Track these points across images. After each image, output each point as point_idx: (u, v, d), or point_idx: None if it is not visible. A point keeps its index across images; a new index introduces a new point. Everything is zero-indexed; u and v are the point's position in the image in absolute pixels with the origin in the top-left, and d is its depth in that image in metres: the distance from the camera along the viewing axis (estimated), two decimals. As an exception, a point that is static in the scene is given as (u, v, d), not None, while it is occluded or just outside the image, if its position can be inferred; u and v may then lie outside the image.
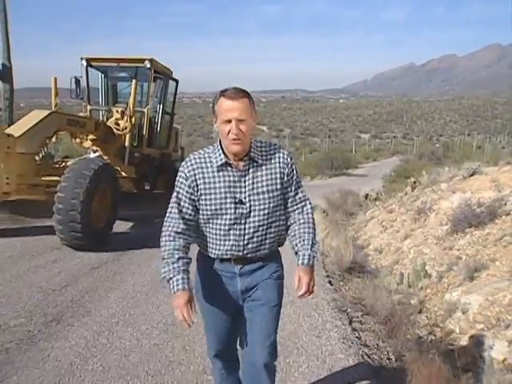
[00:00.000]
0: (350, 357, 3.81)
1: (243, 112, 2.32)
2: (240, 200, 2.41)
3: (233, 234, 2.42)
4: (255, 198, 2.42)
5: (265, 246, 2.50)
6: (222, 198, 2.39)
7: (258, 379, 2.49)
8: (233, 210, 2.40)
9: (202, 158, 2.44)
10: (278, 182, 2.47)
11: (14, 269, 5.82)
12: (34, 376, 3.25)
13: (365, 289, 5.95)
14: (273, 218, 2.48)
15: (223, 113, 2.32)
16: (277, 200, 2.48)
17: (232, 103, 2.30)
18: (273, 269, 2.56)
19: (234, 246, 2.43)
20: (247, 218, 2.42)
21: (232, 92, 2.34)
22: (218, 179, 2.40)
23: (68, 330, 4.08)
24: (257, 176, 2.44)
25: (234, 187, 2.40)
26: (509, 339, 4.44)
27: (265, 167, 2.46)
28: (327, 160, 35.69)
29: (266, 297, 2.51)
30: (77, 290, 5.15)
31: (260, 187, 2.43)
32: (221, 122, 2.33)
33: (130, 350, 3.72)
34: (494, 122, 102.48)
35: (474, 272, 5.93)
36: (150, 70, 10.10)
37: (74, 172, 6.93)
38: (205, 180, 2.40)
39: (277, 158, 2.49)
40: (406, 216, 10.34)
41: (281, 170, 2.48)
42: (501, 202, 7.60)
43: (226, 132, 2.32)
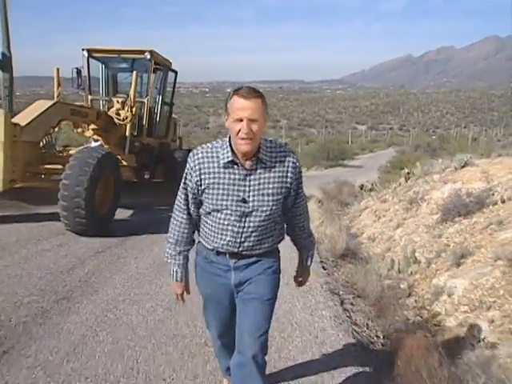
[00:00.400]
0: (341, 332, 4.11)
1: (255, 112, 2.29)
2: (243, 199, 2.40)
3: (231, 231, 2.44)
4: (259, 199, 2.41)
5: (261, 245, 2.52)
6: (224, 195, 2.40)
7: (246, 370, 2.51)
8: (234, 207, 2.40)
9: (210, 153, 2.43)
10: (284, 186, 2.46)
11: (23, 252, 6.08)
12: (51, 346, 3.55)
13: (356, 273, 6.25)
14: (272, 220, 2.50)
15: (235, 111, 2.30)
16: (279, 203, 2.48)
17: (245, 102, 2.28)
18: (267, 264, 2.58)
19: (231, 242, 2.46)
20: (248, 217, 2.43)
21: (245, 91, 2.31)
22: (223, 176, 2.39)
23: (78, 307, 4.37)
24: (263, 177, 2.41)
25: (239, 185, 2.39)
26: (490, 319, 4.72)
27: (273, 170, 2.43)
28: (323, 151, 36.04)
29: (258, 291, 2.53)
30: (83, 272, 5.45)
31: (266, 189, 2.42)
32: (232, 120, 2.31)
33: (137, 325, 4.02)
34: (491, 115, 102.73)
35: (460, 258, 6.20)
36: (150, 61, 10.37)
37: (79, 160, 7.17)
38: (210, 175, 2.40)
39: (286, 163, 2.46)
40: (398, 206, 10.62)
41: (289, 174, 2.46)
42: (489, 192, 7.87)
43: (236, 131, 2.30)
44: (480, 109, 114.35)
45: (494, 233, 6.53)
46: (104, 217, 7.67)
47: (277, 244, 2.64)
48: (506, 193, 7.54)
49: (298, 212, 2.64)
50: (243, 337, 2.54)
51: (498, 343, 4.27)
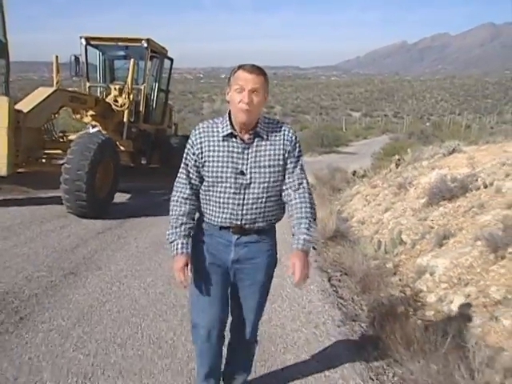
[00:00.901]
0: (327, 304, 4.48)
1: (257, 85, 2.37)
2: (241, 171, 2.45)
3: (232, 203, 2.48)
4: (256, 171, 2.46)
5: (262, 218, 2.54)
6: (223, 167, 2.45)
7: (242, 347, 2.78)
8: (233, 179, 2.45)
9: (210, 127, 2.50)
10: (281, 157, 2.50)
11: (27, 233, 6.40)
12: (62, 314, 3.92)
13: (344, 253, 6.61)
14: (272, 192, 2.52)
15: (238, 82, 2.37)
16: (277, 175, 2.51)
17: (248, 75, 2.36)
18: (266, 247, 2.62)
19: (233, 215, 2.49)
20: (247, 189, 2.47)
21: (250, 66, 2.40)
22: (222, 148, 2.46)
23: (84, 281, 4.72)
24: (260, 150, 2.48)
25: (237, 158, 2.45)
26: (466, 295, 5.08)
27: (269, 142, 2.49)
28: (317, 137, 35.86)
29: (256, 278, 2.60)
30: (87, 250, 5.79)
31: (262, 161, 2.47)
32: (234, 91, 2.39)
33: (139, 297, 4.38)
34: (485, 102, 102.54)
35: (443, 239, 6.54)
36: (146, 49, 10.61)
37: (80, 145, 7.47)
38: (209, 148, 2.47)
39: (281, 135, 2.52)
40: (388, 191, 10.95)
41: (284, 146, 2.51)
42: (473, 177, 8.20)
43: (237, 100, 2.37)
44: (474, 96, 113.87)
45: (475, 216, 6.86)
46: (104, 200, 7.99)
47: (277, 220, 2.65)
48: (489, 178, 7.87)
49: (296, 187, 2.55)
50: (239, 322, 2.70)
51: (472, 315, 4.64)
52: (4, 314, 3.80)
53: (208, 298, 2.58)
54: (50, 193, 8.96)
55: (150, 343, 3.47)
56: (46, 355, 3.22)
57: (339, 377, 3.17)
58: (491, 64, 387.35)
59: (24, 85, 39.81)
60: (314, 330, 3.88)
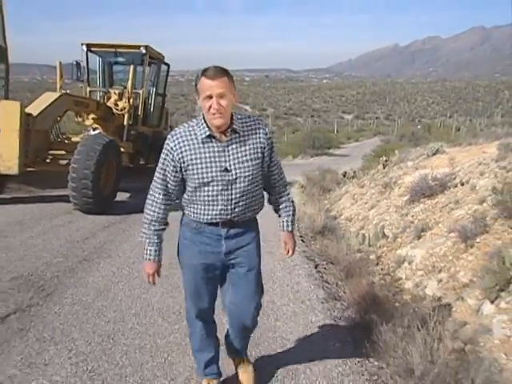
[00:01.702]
0: (313, 286, 5.07)
1: (223, 88, 2.46)
2: (226, 168, 2.57)
3: (221, 200, 2.60)
4: (240, 166, 2.60)
5: (249, 209, 2.71)
6: (208, 167, 2.56)
7: (243, 334, 2.97)
8: (219, 177, 2.57)
9: (187, 131, 2.60)
10: (259, 151, 2.67)
11: (39, 227, 6.96)
12: (82, 291, 4.53)
13: (331, 246, 7.20)
14: (255, 184, 2.69)
15: (205, 90, 2.46)
16: (258, 168, 2.68)
17: (212, 82, 2.44)
18: (253, 234, 2.80)
19: (223, 211, 2.63)
20: (233, 185, 2.60)
21: (212, 71, 2.47)
22: (204, 150, 2.56)
23: (97, 266, 5.32)
24: (240, 146, 2.61)
25: (219, 157, 2.57)
26: (439, 280, 5.68)
27: (247, 138, 2.63)
28: (309, 140, 35.93)
29: (250, 262, 2.77)
30: (96, 241, 6.37)
31: (243, 156, 2.61)
32: (203, 99, 2.49)
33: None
34: (476, 105, 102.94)
35: (421, 232, 7.12)
36: (145, 55, 11.16)
37: (86, 147, 8.02)
38: (191, 152, 2.56)
39: (257, 130, 2.68)
40: (374, 190, 11.54)
41: (261, 140, 2.67)
42: (451, 176, 8.79)
43: (207, 107, 2.47)
44: (465, 99, 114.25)
45: (451, 211, 7.45)
46: (107, 197, 8.55)
47: (259, 210, 2.85)
48: (465, 177, 8.47)
49: (275, 177, 2.85)
50: (241, 307, 2.83)
51: (442, 297, 5.23)
52: (33, 291, 4.40)
53: (199, 292, 2.81)
54: (54, 192, 9.52)
55: (160, 313, 4.06)
56: (74, 322, 3.83)
57: (321, 338, 3.77)
58: (481, 67, 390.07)
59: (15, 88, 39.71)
60: (301, 305, 4.48)
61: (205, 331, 2.94)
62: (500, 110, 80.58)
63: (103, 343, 3.50)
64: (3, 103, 7.84)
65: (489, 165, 8.80)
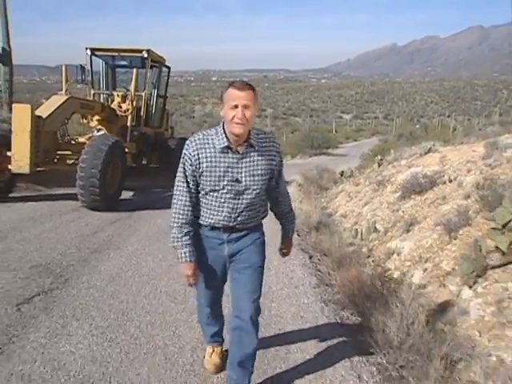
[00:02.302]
0: (306, 273, 5.53)
1: (248, 100, 2.59)
2: (237, 179, 2.71)
3: (227, 207, 2.76)
4: (251, 179, 2.73)
5: (252, 219, 2.87)
6: (220, 176, 2.69)
7: (244, 330, 2.88)
8: (229, 187, 2.71)
9: (205, 140, 2.72)
10: (270, 168, 2.81)
11: (50, 222, 7.40)
12: (96, 277, 5.00)
13: (325, 239, 7.64)
14: (260, 197, 2.84)
15: (231, 100, 2.60)
16: (266, 182, 2.82)
17: (239, 92, 2.58)
18: (256, 236, 2.94)
19: (227, 217, 2.79)
20: (241, 195, 2.75)
21: (240, 83, 2.63)
22: (219, 159, 2.69)
23: (108, 257, 5.78)
24: (254, 160, 2.74)
25: (233, 168, 2.70)
26: (424, 269, 6.11)
27: (261, 153, 2.76)
28: (307, 140, 35.99)
29: (251, 260, 2.89)
30: (105, 235, 6.82)
31: (256, 170, 2.74)
32: (228, 108, 2.61)
33: (154, 267, 5.45)
34: (474, 104, 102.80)
35: (410, 226, 7.57)
36: (147, 59, 11.62)
37: (93, 147, 8.46)
38: (207, 159, 2.68)
39: (271, 147, 2.82)
40: (368, 188, 11.97)
41: (274, 157, 2.82)
42: (440, 174, 9.23)
43: (231, 116, 2.59)
44: (464, 98, 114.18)
45: (438, 206, 7.89)
46: (113, 195, 8.98)
47: (262, 219, 3.00)
48: (454, 174, 8.91)
49: (281, 190, 3.03)
50: (240, 301, 2.89)
51: (426, 284, 5.67)
52: (52, 277, 4.87)
53: (208, 287, 3.02)
54: (61, 190, 9.97)
55: (167, 296, 4.53)
56: (91, 302, 4.30)
57: (312, 317, 4.23)
58: (480, 66, 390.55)
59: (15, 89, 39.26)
60: (294, 289, 4.94)
61: (211, 314, 3.20)
62: (498, 109, 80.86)
63: (118, 319, 3.98)
64: (15, 106, 8.28)
65: (476, 162, 9.24)
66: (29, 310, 4.04)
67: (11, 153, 8.27)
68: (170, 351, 3.45)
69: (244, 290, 2.89)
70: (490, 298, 4.79)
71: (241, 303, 2.89)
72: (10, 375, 3.03)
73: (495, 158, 8.83)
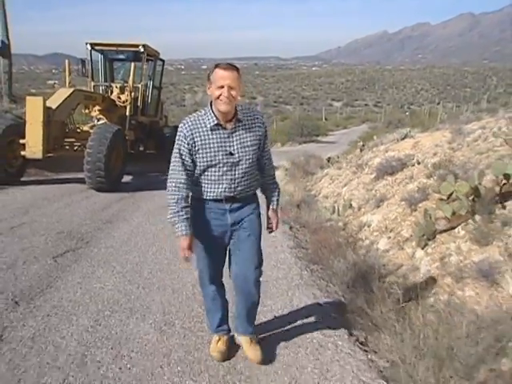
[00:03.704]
0: (285, 238, 6.64)
1: (233, 81, 2.79)
2: (230, 152, 2.93)
3: (225, 179, 2.97)
4: (243, 151, 2.97)
5: (249, 187, 3.09)
6: (215, 152, 2.91)
7: (248, 290, 3.19)
8: (225, 160, 2.92)
9: (197, 120, 2.93)
10: (258, 138, 3.05)
11: (63, 201, 8.41)
12: (111, 241, 6.09)
13: (304, 214, 8.70)
14: (254, 166, 3.09)
15: (218, 80, 2.80)
16: (257, 152, 3.07)
17: (225, 72, 2.79)
18: (253, 206, 3.17)
19: (227, 189, 3.00)
20: (237, 166, 2.97)
21: (225, 65, 2.83)
22: (212, 137, 2.90)
23: (118, 226, 6.86)
24: (243, 133, 2.97)
25: (225, 143, 2.92)
26: (388, 237, 7.16)
27: (249, 126, 3.00)
28: (297, 127, 36.31)
29: (252, 228, 3.14)
30: (112, 211, 7.88)
31: (246, 142, 2.98)
32: (215, 88, 2.81)
33: (157, 234, 6.55)
34: (464, 91, 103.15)
35: (380, 202, 8.61)
36: (143, 53, 12.55)
37: (98, 135, 9.44)
38: (200, 138, 2.89)
39: (257, 119, 3.04)
40: (349, 171, 12.99)
41: (260, 128, 3.05)
42: (411, 157, 10.28)
43: (217, 95, 2.81)
44: (453, 85, 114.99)
45: (406, 185, 8.91)
46: (116, 177, 10.00)
47: (257, 188, 3.23)
48: (422, 157, 9.96)
49: (266, 161, 3.23)
50: (245, 266, 3.13)
51: (389, 249, 6.72)
52: (75, 240, 5.97)
53: (209, 258, 3.16)
54: (66, 175, 10.96)
55: (171, 253, 5.64)
56: (110, 257, 5.40)
57: (287, 268, 5.32)
58: (470, 53, 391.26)
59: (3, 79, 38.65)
60: (275, 249, 6.03)
61: (216, 293, 3.30)
62: (487, 97, 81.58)
63: (134, 268, 5.08)
64: (29, 99, 9.25)
65: (443, 146, 10.29)
66: (63, 261, 5.14)
67: (24, 140, 9.26)
68: (176, 287, 4.54)
69: (249, 256, 3.13)
70: (436, 255, 5.87)
71: (247, 267, 3.14)
72: (60, 299, 4.17)
73: (458, 143, 9.91)
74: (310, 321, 3.98)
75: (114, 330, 3.63)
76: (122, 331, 3.62)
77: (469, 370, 2.67)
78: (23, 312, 3.85)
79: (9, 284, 4.41)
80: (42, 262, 5.06)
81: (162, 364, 3.18)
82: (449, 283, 5.30)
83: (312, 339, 3.62)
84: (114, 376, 3.03)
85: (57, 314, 3.86)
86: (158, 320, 3.84)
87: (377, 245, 7.19)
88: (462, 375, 2.65)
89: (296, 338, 3.62)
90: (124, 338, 3.51)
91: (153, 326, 3.74)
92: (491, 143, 8.72)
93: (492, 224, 5.64)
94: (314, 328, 3.81)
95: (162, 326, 3.72)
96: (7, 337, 3.44)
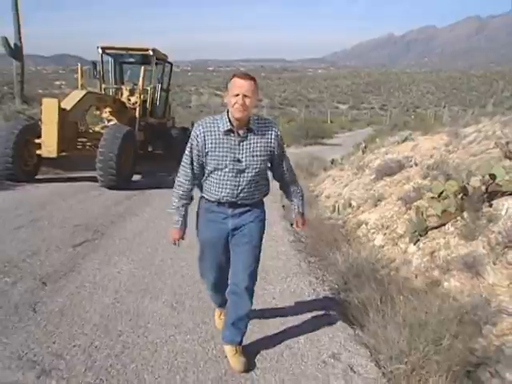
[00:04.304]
0: (286, 233, 7.10)
1: (248, 90, 2.90)
2: (238, 159, 3.01)
3: (229, 185, 3.06)
4: (250, 159, 3.04)
5: (253, 196, 3.17)
6: (224, 156, 3.00)
7: (239, 296, 3.24)
8: (231, 166, 3.01)
9: (211, 123, 3.03)
10: (269, 149, 3.11)
11: (75, 198, 8.86)
12: (124, 233, 6.58)
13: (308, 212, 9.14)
14: (261, 175, 3.15)
15: (234, 88, 2.91)
16: (265, 163, 3.15)
17: (242, 81, 2.90)
18: (257, 213, 3.25)
19: (230, 194, 3.09)
20: (242, 173, 3.05)
21: (243, 74, 2.95)
22: (223, 141, 3.00)
23: (130, 220, 7.34)
24: (253, 142, 3.04)
25: (235, 149, 3.01)
26: (384, 233, 7.60)
27: (260, 137, 3.06)
28: (303, 130, 35.84)
29: (250, 235, 3.21)
30: (124, 206, 8.36)
31: (254, 151, 3.05)
32: (231, 96, 2.92)
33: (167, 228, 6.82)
34: (470, 95, 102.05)
35: (377, 201, 9.06)
36: (152, 57, 13.04)
37: (110, 135, 9.92)
38: (212, 140, 2.99)
39: (270, 131, 3.11)
40: (350, 172, 13.44)
41: (272, 140, 3.11)
42: (409, 159, 10.71)
43: (233, 102, 2.90)
44: (460, 89, 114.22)
45: (403, 185, 9.36)
46: (127, 176, 10.47)
47: (263, 196, 3.32)
48: (420, 159, 10.39)
49: (285, 170, 3.33)
50: (238, 272, 3.23)
51: (384, 245, 7.16)
52: (91, 232, 6.46)
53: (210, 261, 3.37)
54: (78, 173, 11.43)
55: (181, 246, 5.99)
56: (124, 247, 5.90)
57: (286, 257, 5.80)
58: (476, 57, 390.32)
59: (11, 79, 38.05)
60: (275, 242, 6.49)
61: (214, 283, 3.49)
62: (494, 100, 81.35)
63: (146, 257, 5.58)
64: (45, 101, 9.74)
65: (440, 149, 10.72)
66: (82, 250, 5.65)
67: (40, 140, 9.77)
68: (185, 273, 5.04)
69: (242, 263, 3.22)
70: (427, 250, 6.31)
71: (238, 274, 3.23)
72: (82, 281, 4.69)
73: (454, 145, 10.34)
74: (305, 301, 4.46)
75: (131, 307, 4.14)
76: (137, 307, 4.13)
77: (436, 337, 3.12)
78: (51, 290, 4.37)
79: (35, 268, 4.93)
80: (62, 250, 5.57)
81: (174, 333, 3.69)
82: (436, 275, 5.76)
83: (307, 315, 4.12)
84: (133, 342, 3.54)
85: (80, 293, 4.37)
86: (170, 299, 4.33)
87: (373, 241, 7.63)
88: (431, 342, 3.09)
89: (292, 317, 4.10)
90: (140, 313, 4.02)
91: (165, 303, 4.24)
92: (485, 146, 9.15)
93: (479, 221, 6.07)
94: (308, 307, 4.30)
95: (174, 304, 4.23)
96: (39, 309, 3.97)
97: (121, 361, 3.28)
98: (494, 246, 5.45)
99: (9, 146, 9.55)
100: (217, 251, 3.31)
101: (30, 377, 3.01)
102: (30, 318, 3.81)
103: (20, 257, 5.24)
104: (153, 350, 3.44)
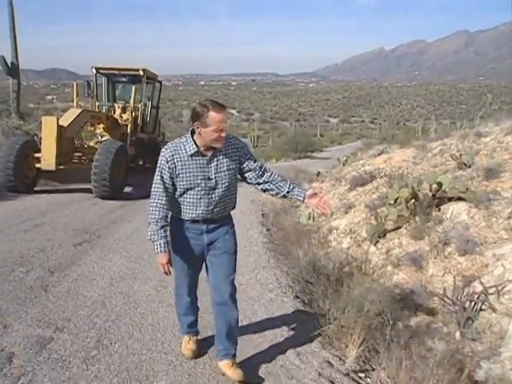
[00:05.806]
0: (261, 236, 8.00)
1: (226, 120, 3.01)
2: (208, 177, 3.10)
3: (203, 202, 3.15)
4: (219, 175, 3.13)
5: (225, 209, 3.29)
6: (194, 176, 3.09)
7: (226, 306, 3.32)
8: (203, 184, 3.10)
9: (178, 147, 3.10)
10: (235, 162, 3.20)
11: (73, 207, 9.69)
12: (117, 236, 7.46)
13: (282, 219, 10.02)
14: (231, 189, 3.25)
15: (216, 123, 2.95)
16: (234, 176, 3.24)
17: (220, 116, 2.95)
18: (229, 227, 3.39)
19: (204, 211, 3.17)
20: (214, 190, 3.14)
21: (218, 106, 2.97)
22: (191, 162, 3.08)
23: (122, 226, 8.21)
24: (220, 159, 3.13)
25: (204, 168, 3.09)
26: (350, 237, 8.48)
27: (225, 153, 3.14)
28: (292, 143, 36.93)
29: (226, 246, 3.32)
30: (118, 214, 9.23)
31: (222, 167, 3.14)
32: (212, 130, 2.96)
33: None
34: (459, 108, 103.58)
35: (348, 209, 9.95)
36: (143, 76, 13.99)
37: (104, 150, 10.79)
38: (181, 163, 3.07)
39: (233, 145, 3.19)
40: (329, 183, 14.35)
41: (237, 153, 3.21)
42: (380, 171, 11.62)
43: (215, 136, 2.98)
44: (449, 102, 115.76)
45: (372, 194, 10.25)
46: (119, 187, 11.32)
47: (232, 209, 3.41)
48: (389, 170, 11.32)
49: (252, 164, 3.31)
50: (220, 282, 3.29)
51: (350, 247, 8.05)
52: (88, 235, 7.34)
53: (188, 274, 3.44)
54: (73, 185, 12.25)
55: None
56: (118, 246, 6.80)
57: (257, 255, 6.70)
58: (465, 70, 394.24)
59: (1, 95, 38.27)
60: (250, 243, 7.39)
61: (191, 303, 3.57)
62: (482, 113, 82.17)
63: (137, 254, 6.48)
64: (45, 118, 10.67)
65: (409, 161, 11.67)
66: (82, 248, 6.56)
67: (39, 154, 10.64)
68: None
69: (222, 273, 3.30)
70: (384, 249, 7.22)
71: (222, 284, 3.30)
72: (83, 271, 5.61)
73: (421, 157, 11.30)
74: (268, 289, 5.35)
75: (124, 289, 5.07)
76: (129, 289, 5.07)
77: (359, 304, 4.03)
78: (58, 277, 5.31)
79: (43, 261, 5.84)
80: (65, 248, 6.46)
81: (158, 306, 4.63)
82: (389, 270, 6.67)
83: (267, 299, 5.03)
84: (125, 312, 4.47)
85: (82, 279, 5.30)
86: (155, 284, 5.24)
87: (341, 244, 8.51)
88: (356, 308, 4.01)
89: (255, 298, 5.01)
90: (131, 293, 4.96)
91: (151, 287, 5.17)
92: (445, 158, 10.10)
93: (428, 223, 7.00)
94: (269, 291, 5.22)
95: (158, 287, 5.16)
96: (50, 290, 4.91)
97: (116, 324, 4.17)
98: (437, 243, 6.38)
99: (11, 160, 10.38)
100: (195, 267, 3.41)
101: (48, 332, 3.93)
102: (43, 296, 4.70)
103: (30, 253, 6.09)
104: (140, 317, 4.33)
